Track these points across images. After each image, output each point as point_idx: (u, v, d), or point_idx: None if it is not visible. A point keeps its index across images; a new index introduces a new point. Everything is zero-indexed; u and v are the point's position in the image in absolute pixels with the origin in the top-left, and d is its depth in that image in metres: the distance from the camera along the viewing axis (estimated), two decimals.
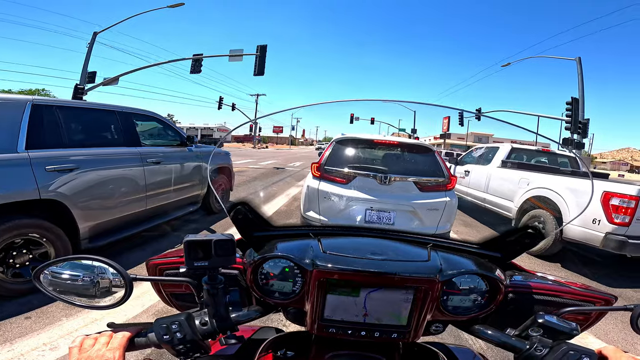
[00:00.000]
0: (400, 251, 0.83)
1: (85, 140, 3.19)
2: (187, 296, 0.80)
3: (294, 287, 0.74)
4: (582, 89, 15.72)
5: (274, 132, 71.82)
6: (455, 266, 0.74)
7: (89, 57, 16.91)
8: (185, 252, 0.64)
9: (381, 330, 0.71)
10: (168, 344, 0.63)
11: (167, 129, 4.53)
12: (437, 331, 0.78)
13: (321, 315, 0.71)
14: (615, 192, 3.70)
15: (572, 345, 0.61)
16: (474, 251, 0.87)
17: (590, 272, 4.23)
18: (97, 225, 3.10)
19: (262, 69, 16.02)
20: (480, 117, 18.93)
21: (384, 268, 0.70)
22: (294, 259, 0.72)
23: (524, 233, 0.79)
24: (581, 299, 0.81)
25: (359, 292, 0.69)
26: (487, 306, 0.74)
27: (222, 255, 0.65)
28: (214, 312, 0.67)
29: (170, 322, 0.64)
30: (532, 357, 0.63)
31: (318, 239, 0.81)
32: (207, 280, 0.67)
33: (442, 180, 3.36)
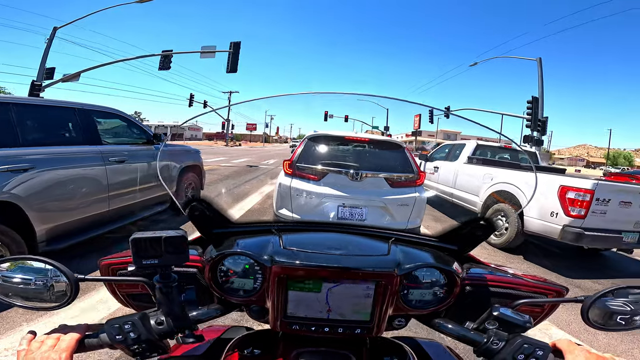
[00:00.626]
0: (361, 246, 0.84)
1: (42, 139, 3.02)
2: (145, 296, 0.77)
3: (254, 284, 0.73)
4: (542, 88, 16.63)
5: (248, 129, 70.72)
6: (413, 259, 0.75)
7: (47, 52, 16.17)
8: (132, 250, 0.61)
9: (345, 325, 0.71)
10: (121, 344, 0.61)
11: (131, 126, 4.34)
12: (399, 326, 0.79)
13: (284, 312, 0.70)
14: (571, 186, 3.94)
15: (526, 339, 0.62)
16: (433, 244, 0.88)
17: (551, 264, 4.47)
18: (55, 228, 2.93)
19: (235, 66, 15.75)
20: (448, 115, 19.58)
21: (342, 263, 0.70)
22: (252, 255, 0.71)
23: (477, 225, 0.81)
24: (535, 290, 0.83)
25: (321, 288, 0.69)
26: (446, 299, 0.75)
27: (173, 252, 0.62)
28: (168, 311, 0.65)
29: (123, 322, 0.62)
30: (489, 350, 0.64)
31: (279, 235, 0.80)
32: (158, 278, 0.64)
33: (411, 176, 3.45)
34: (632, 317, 0.68)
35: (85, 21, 16.42)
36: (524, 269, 4.25)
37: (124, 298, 0.85)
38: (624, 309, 0.68)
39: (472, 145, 6.54)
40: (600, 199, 3.83)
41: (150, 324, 0.64)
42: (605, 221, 3.91)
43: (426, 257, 0.78)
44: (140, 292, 0.82)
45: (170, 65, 16.44)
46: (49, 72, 16.16)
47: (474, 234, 0.84)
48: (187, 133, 70.98)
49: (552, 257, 4.91)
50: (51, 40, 16.24)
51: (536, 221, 4.28)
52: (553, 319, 2.86)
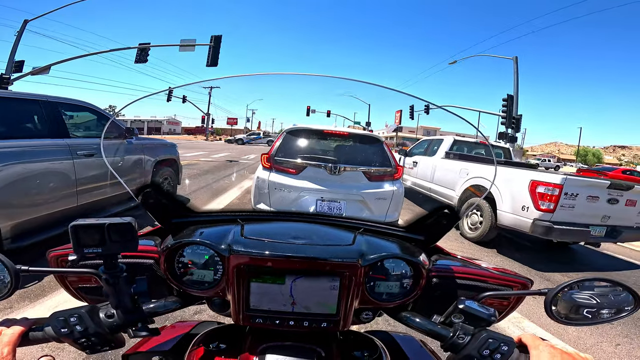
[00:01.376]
0: (326, 236, 0.81)
1: (4, 132, 2.86)
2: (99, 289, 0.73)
3: (215, 276, 0.70)
4: (517, 87, 17.13)
5: (228, 124, 69.35)
6: (378, 250, 0.73)
7: (16, 45, 15.56)
8: (72, 238, 0.56)
9: (310, 319, 0.69)
10: (68, 338, 0.58)
11: (102, 120, 4.17)
12: (367, 319, 0.77)
13: (246, 305, 0.68)
14: (541, 180, 4.08)
15: (491, 333, 0.62)
16: (399, 234, 0.87)
17: (522, 257, 4.62)
18: (20, 224, 2.80)
19: (216, 60, 15.42)
20: (428, 111, 19.90)
21: (304, 252, 0.68)
22: (209, 245, 0.68)
23: (442, 214, 0.80)
24: (500, 283, 0.82)
25: (284, 279, 0.67)
26: (413, 292, 0.73)
27: (118, 240, 0.58)
28: (117, 303, 0.62)
29: (69, 315, 0.59)
30: (455, 345, 0.63)
31: (241, 225, 0.77)
32: (103, 269, 0.61)
33: (389, 170, 3.48)
34: (599, 310, 0.67)
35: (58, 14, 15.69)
36: (497, 262, 4.38)
37: (75, 291, 0.81)
38: (590, 302, 0.67)
39: (449, 141, 6.67)
40: (568, 193, 3.97)
41: (100, 317, 0.62)
42: (574, 215, 4.06)
43: (392, 248, 0.77)
44: (94, 285, 0.77)
45: (147, 59, 15.95)
46: (17, 65, 15.62)
47: (439, 223, 0.82)
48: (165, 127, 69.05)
49: (524, 250, 5.08)
50: (21, 33, 15.67)
51: (509, 215, 4.41)
52: (525, 312, 2.94)
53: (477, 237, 4.87)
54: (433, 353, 0.89)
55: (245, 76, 0.95)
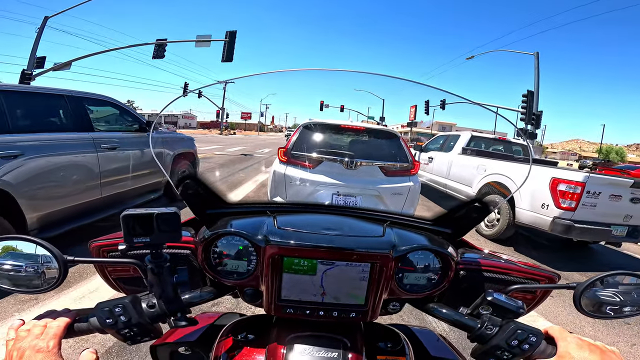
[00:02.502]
0: (356, 227, 0.82)
1: (32, 126, 2.97)
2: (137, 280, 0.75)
3: (248, 267, 0.72)
4: (538, 83, 16.65)
5: (242, 118, 70.09)
6: (408, 242, 0.74)
7: (38, 41, 15.96)
8: (123, 227, 0.58)
9: (339, 309, 0.70)
10: (112, 329, 0.60)
11: (124, 114, 4.28)
12: (394, 310, 0.78)
13: (278, 296, 0.69)
14: (562, 178, 3.98)
15: (520, 325, 0.62)
16: (427, 227, 0.87)
17: (540, 255, 4.53)
18: (46, 215, 2.90)
19: (231, 56, 15.56)
20: (444, 106, 19.58)
21: (337, 243, 0.69)
22: (246, 235, 0.70)
23: (472, 207, 0.79)
24: (527, 277, 0.83)
25: (315, 270, 0.68)
26: (440, 284, 0.74)
27: (165, 230, 0.60)
28: (160, 293, 0.64)
29: (113, 306, 0.60)
30: (483, 336, 0.64)
31: (273, 216, 0.78)
32: (150, 258, 0.62)
33: (406, 166, 3.46)
34: (621, 307, 0.68)
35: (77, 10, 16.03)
36: None
37: (114, 282, 0.84)
38: (614, 300, 0.68)
39: (466, 137, 6.56)
40: (590, 191, 3.86)
41: (142, 307, 0.63)
42: (595, 214, 3.95)
43: (421, 240, 0.77)
44: (132, 275, 0.80)
45: (164, 54, 16.23)
46: (39, 61, 15.95)
47: (468, 216, 0.82)
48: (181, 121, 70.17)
49: (541, 248, 4.99)
50: (42, 29, 16.00)
51: (527, 213, 4.33)
52: (541, 311, 2.91)
53: (493, 235, 4.80)
54: (452, 346, 0.90)
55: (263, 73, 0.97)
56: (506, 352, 0.62)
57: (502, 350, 0.62)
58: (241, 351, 0.71)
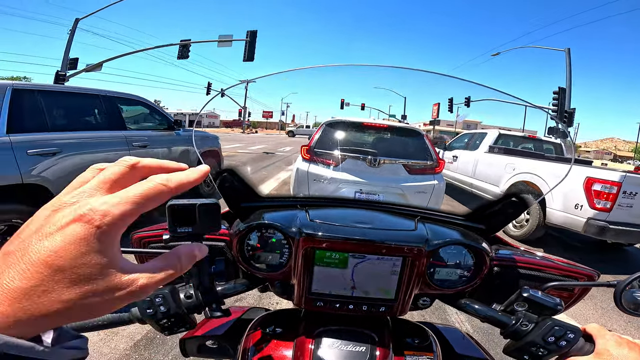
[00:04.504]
0: (388, 221, 0.83)
1: (68, 124, 3.13)
2: None
3: (281, 259, 0.73)
4: (570, 80, 15.89)
5: (264, 117, 70.92)
6: (441, 236, 0.73)
7: (70, 43, 16.53)
8: (168, 217, 0.58)
9: (369, 303, 0.71)
10: (151, 319, 0.61)
11: (153, 113, 4.44)
12: (424, 305, 0.78)
13: (309, 289, 0.70)
14: (597, 178, 3.80)
15: (557, 321, 0.61)
16: (459, 223, 0.86)
17: (571, 257, 4.36)
18: None
19: (252, 55, 15.72)
20: (469, 104, 19.05)
21: (370, 236, 0.69)
22: (280, 227, 0.71)
23: (507, 202, 0.78)
24: (565, 274, 0.81)
25: (347, 263, 0.69)
26: (473, 279, 0.74)
27: (206, 220, 0.59)
28: (199, 284, 0.65)
29: (154, 296, 0.62)
30: (517, 332, 0.63)
31: (305, 210, 0.80)
32: None
33: (430, 164, 3.40)
34: None
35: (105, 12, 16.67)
36: None
37: None
38: None
39: (493, 135, 6.36)
40: (627, 192, 3.68)
41: (180, 298, 0.64)
42: (631, 215, 3.76)
43: (454, 235, 0.76)
44: None
45: (188, 55, 16.59)
46: (72, 62, 16.47)
47: (503, 212, 0.80)
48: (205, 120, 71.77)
49: (573, 250, 4.78)
50: (73, 31, 16.53)
51: (559, 213, 4.16)
52: (571, 314, 2.80)
53: (522, 236, 4.64)
54: (478, 344, 0.89)
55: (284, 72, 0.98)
56: (542, 349, 0.60)
57: (537, 347, 0.60)
58: (269, 344, 0.72)
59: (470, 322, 2.49)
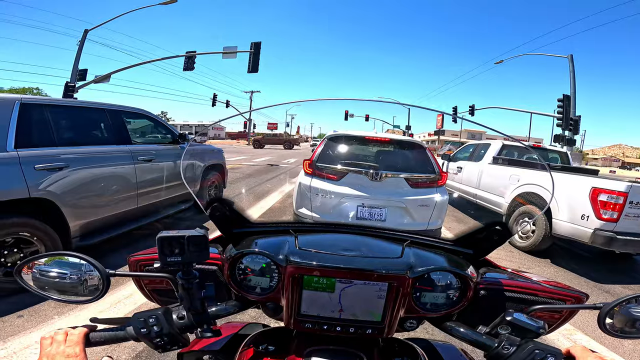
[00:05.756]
0: (375, 248, 0.86)
1: (75, 139, 3.17)
2: (169, 292, 0.81)
3: (271, 283, 0.76)
4: (574, 86, 15.88)
5: (269, 128, 71.49)
6: (426, 263, 0.76)
7: (79, 54, 16.79)
8: (158, 248, 0.64)
9: (356, 325, 0.73)
10: (145, 337, 0.65)
11: (158, 126, 4.50)
12: (411, 327, 0.79)
13: (298, 311, 0.73)
14: (603, 188, 3.76)
15: (538, 344, 0.61)
16: (448, 248, 0.89)
17: (579, 267, 4.29)
18: (88, 224, 3.09)
19: (257, 66, 15.97)
20: (473, 113, 19.07)
21: (354, 264, 0.72)
22: (268, 255, 0.75)
23: (493, 230, 0.81)
24: (552, 296, 0.82)
25: (334, 288, 0.71)
26: (459, 303, 0.76)
27: (195, 250, 0.65)
28: (189, 306, 0.68)
29: (148, 316, 0.66)
30: (499, 355, 0.64)
31: (295, 236, 0.83)
32: (181, 275, 0.67)
33: (433, 177, 3.39)
34: None
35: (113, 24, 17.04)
36: (551, 272, 4.10)
37: (149, 293, 0.90)
38: None
39: (497, 145, 6.34)
40: (634, 202, 3.64)
41: (173, 319, 0.68)
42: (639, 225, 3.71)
43: (440, 261, 0.79)
44: (165, 287, 0.86)
45: (194, 66, 16.85)
46: (81, 73, 16.74)
47: (490, 238, 0.83)
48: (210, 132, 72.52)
49: (580, 260, 4.71)
50: (82, 42, 16.75)
51: (565, 224, 4.11)
52: (579, 324, 2.75)
53: (528, 247, 4.58)
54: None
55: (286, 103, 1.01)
56: None
57: None
58: None
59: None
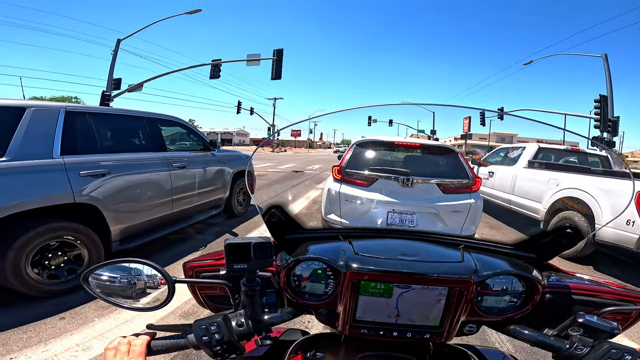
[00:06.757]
0: (432, 252, 0.83)
1: (115, 146, 3.30)
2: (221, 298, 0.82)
3: (326, 289, 0.75)
4: (610, 86, 15.05)
5: (292, 135, 72.44)
6: (490, 267, 0.74)
7: (114, 64, 17.51)
8: (225, 254, 0.65)
9: (413, 330, 0.71)
10: (206, 345, 0.64)
11: (190, 133, 4.65)
12: (470, 331, 0.78)
13: (353, 316, 0.72)
14: None
15: (614, 344, 0.60)
16: (507, 252, 0.86)
17: (625, 275, 4.05)
18: (127, 228, 3.21)
19: (279, 73, 16.20)
20: (502, 116, 18.42)
21: (416, 269, 0.70)
22: (327, 261, 0.74)
23: (562, 233, 0.78)
24: (620, 298, 0.80)
25: (392, 293, 0.70)
26: (524, 307, 0.74)
27: (260, 257, 0.65)
28: (251, 314, 0.68)
29: (209, 324, 0.66)
30: (572, 356, 0.63)
31: (349, 241, 0.81)
32: (245, 282, 0.68)
33: (466, 182, 3.29)
34: None
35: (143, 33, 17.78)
36: None
37: (202, 299, 0.91)
38: None
39: (533, 149, 6.08)
40: None
41: (232, 326, 0.68)
42: None
43: (503, 265, 0.76)
44: (218, 294, 0.87)
45: (219, 74, 17.26)
46: (116, 82, 17.49)
47: (557, 242, 0.80)
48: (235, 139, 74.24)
49: (624, 267, 4.42)
50: (116, 52, 17.46)
51: (610, 230, 3.86)
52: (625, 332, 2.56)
53: (570, 254, 4.34)
54: None
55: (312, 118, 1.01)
56: None
57: None
58: None
59: (512, 342, 2.34)
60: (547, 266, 0.90)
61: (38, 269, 2.58)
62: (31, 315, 2.43)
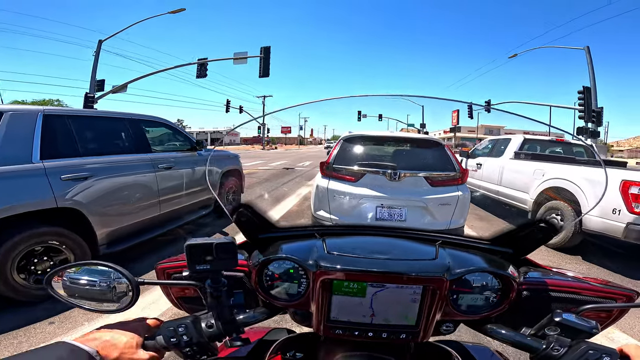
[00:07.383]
0: (407, 249, 0.82)
1: (98, 149, 3.23)
2: (197, 299, 0.80)
3: (299, 289, 0.74)
4: (594, 78, 15.37)
5: (282, 132, 72.19)
6: (464, 264, 0.72)
7: (96, 65, 17.14)
8: (187, 256, 0.63)
9: (389, 330, 0.70)
10: (175, 347, 0.63)
11: (176, 134, 4.59)
12: (447, 331, 0.76)
13: (327, 317, 0.70)
14: (635, 180, 3.59)
15: (592, 344, 0.58)
16: (484, 247, 0.84)
17: (613, 264, 4.11)
18: (114, 231, 3.16)
19: (267, 71, 16.09)
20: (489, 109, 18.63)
21: (388, 267, 0.69)
22: (297, 260, 0.72)
23: (537, 227, 0.76)
24: (601, 295, 0.78)
25: (365, 292, 0.68)
26: (500, 305, 0.72)
27: (223, 258, 0.63)
28: (219, 315, 0.67)
29: (177, 325, 0.65)
30: (548, 357, 0.61)
31: (322, 239, 0.80)
32: (210, 283, 0.66)
33: (453, 175, 3.31)
34: None
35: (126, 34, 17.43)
36: (584, 269, 3.94)
37: (176, 300, 0.89)
38: None
39: (518, 140, 6.16)
40: None
41: (202, 327, 0.66)
42: None
43: (478, 261, 0.75)
44: (192, 295, 0.85)
45: (206, 73, 17.04)
46: (99, 83, 17.10)
47: (532, 237, 0.78)
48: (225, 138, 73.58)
49: (614, 257, 4.50)
50: (98, 53, 17.07)
51: (596, 219, 3.93)
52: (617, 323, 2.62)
53: (557, 244, 4.41)
54: None
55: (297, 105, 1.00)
56: None
57: None
58: None
59: None
60: (525, 261, 0.88)
61: (24, 274, 2.54)
62: (21, 320, 2.41)
